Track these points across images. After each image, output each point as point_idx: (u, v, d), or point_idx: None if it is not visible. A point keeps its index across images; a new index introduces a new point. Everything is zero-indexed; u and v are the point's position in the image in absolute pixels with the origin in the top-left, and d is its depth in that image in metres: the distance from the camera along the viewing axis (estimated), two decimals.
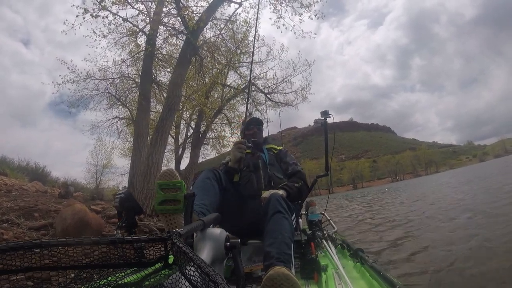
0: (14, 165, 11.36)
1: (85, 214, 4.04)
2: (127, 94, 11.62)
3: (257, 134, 2.52)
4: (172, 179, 1.30)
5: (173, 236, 0.79)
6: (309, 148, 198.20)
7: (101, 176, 18.53)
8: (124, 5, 7.69)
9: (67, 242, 0.71)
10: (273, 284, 1.16)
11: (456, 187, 14.59)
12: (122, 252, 0.81)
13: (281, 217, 1.58)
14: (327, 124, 2.43)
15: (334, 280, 1.66)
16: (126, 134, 13.73)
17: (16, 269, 0.67)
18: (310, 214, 2.68)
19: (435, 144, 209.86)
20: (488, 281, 2.68)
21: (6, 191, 6.03)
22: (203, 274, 0.59)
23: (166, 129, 7.46)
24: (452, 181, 21.88)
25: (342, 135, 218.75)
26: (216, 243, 1.10)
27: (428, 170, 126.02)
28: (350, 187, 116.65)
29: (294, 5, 8.71)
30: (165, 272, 0.86)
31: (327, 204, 3.13)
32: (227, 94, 12.96)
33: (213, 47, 10.12)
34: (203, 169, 2.09)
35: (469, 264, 3.14)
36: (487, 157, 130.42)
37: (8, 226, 3.77)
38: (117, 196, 2.41)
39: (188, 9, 8.02)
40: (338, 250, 2.32)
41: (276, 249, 1.40)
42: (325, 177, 2.60)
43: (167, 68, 10.81)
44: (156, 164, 6.83)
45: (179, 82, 7.66)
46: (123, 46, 10.04)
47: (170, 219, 1.28)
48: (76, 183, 12.47)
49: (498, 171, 20.62)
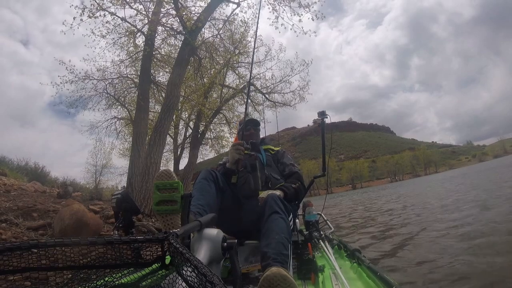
0: (13, 165, 11.32)
1: (83, 214, 4.03)
2: (126, 95, 11.55)
3: (254, 135, 2.52)
4: (169, 180, 1.30)
5: (170, 237, 0.80)
6: (308, 148, 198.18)
7: (100, 176, 18.43)
8: (122, 5, 7.69)
9: (64, 242, 0.71)
10: (270, 284, 1.15)
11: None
12: (119, 252, 0.82)
13: (278, 218, 1.59)
14: (324, 124, 2.44)
15: (331, 280, 1.67)
16: (125, 134, 13.65)
17: (13, 270, 0.68)
18: (307, 215, 2.68)
19: (434, 144, 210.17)
20: (486, 278, 2.70)
21: (5, 191, 6.01)
22: (200, 274, 0.60)
23: (164, 129, 7.44)
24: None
25: (341, 135, 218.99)
26: (213, 243, 1.11)
27: (427, 170, 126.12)
28: (349, 187, 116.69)
29: (292, 5, 8.70)
30: (162, 273, 0.86)
31: (324, 204, 3.13)
32: (226, 95, 12.93)
33: (212, 47, 10.10)
34: (202, 169, 2.09)
35: (466, 262, 3.15)
36: (486, 157, 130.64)
37: (7, 226, 3.77)
38: (114, 196, 2.38)
39: (186, 9, 8.00)
40: (335, 250, 2.33)
41: (273, 250, 1.40)
42: (325, 177, 2.61)
43: (166, 68, 10.76)
44: (154, 164, 6.82)
45: (177, 82, 7.64)
46: (121, 46, 9.99)
47: (167, 219, 1.28)
48: (75, 183, 12.40)
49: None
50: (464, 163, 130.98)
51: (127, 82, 11.19)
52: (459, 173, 40.38)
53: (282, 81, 12.47)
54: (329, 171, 2.56)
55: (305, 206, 2.76)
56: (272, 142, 2.82)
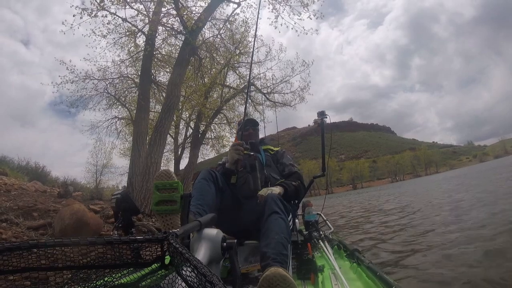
0: (13, 165, 11.31)
1: (83, 214, 4.04)
2: (126, 94, 11.58)
3: (253, 135, 2.52)
4: (168, 180, 1.31)
5: (170, 237, 0.80)
6: (308, 148, 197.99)
7: (101, 176, 18.44)
8: (123, 4, 7.70)
9: (63, 242, 0.71)
10: (269, 284, 1.16)
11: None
12: (119, 252, 0.82)
13: (277, 218, 1.59)
14: (323, 124, 2.44)
15: (331, 280, 1.67)
16: (125, 134, 13.67)
17: (13, 270, 0.68)
18: (307, 215, 2.68)
19: (435, 145, 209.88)
20: (487, 281, 2.69)
21: (5, 190, 6.01)
22: (200, 274, 0.60)
23: (165, 129, 7.45)
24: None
25: (341, 135, 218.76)
26: (213, 243, 1.10)
27: (428, 170, 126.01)
28: (350, 187, 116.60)
29: (292, 4, 8.71)
30: (162, 273, 0.86)
31: (324, 204, 3.13)
32: (226, 94, 12.92)
33: (212, 47, 10.10)
34: (202, 169, 2.09)
35: (467, 263, 3.15)
36: (487, 157, 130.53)
37: (7, 226, 3.77)
38: (114, 196, 2.38)
39: (187, 9, 8.00)
40: (334, 250, 2.33)
41: (273, 250, 1.40)
42: (325, 177, 2.61)
43: (166, 68, 10.76)
44: (155, 163, 6.83)
45: (178, 82, 7.65)
46: (122, 46, 10.01)
47: (166, 219, 1.29)
48: (75, 183, 12.38)
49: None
50: (465, 163, 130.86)
51: (128, 82, 11.20)
52: (460, 173, 40.36)
53: (282, 82, 12.46)
54: (329, 171, 2.57)
55: (305, 206, 2.76)
56: (272, 142, 2.83)
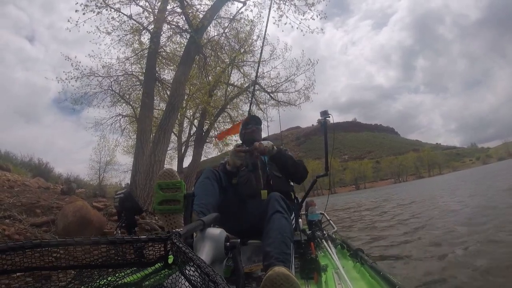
0: (17, 161, 11.40)
1: (86, 211, 4.05)
2: (131, 92, 11.62)
3: (255, 132, 2.52)
4: (171, 179, 1.30)
5: (173, 236, 0.79)
6: (312, 147, 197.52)
7: (104, 173, 18.54)
8: (128, 1, 7.71)
9: (66, 242, 0.71)
10: (273, 284, 1.15)
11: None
12: (122, 252, 0.82)
13: (280, 217, 1.58)
14: (326, 124, 2.43)
15: (334, 280, 1.66)
16: (129, 132, 13.69)
17: (16, 269, 0.68)
18: (310, 214, 2.68)
19: (439, 146, 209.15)
20: (490, 281, 2.68)
21: (8, 186, 6.05)
22: (203, 274, 0.59)
23: (169, 127, 7.44)
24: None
25: (345, 135, 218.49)
26: (216, 243, 1.10)
27: (431, 172, 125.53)
28: (353, 187, 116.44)
29: (297, 4, 8.67)
30: (165, 272, 0.86)
31: (327, 204, 3.13)
32: (231, 93, 12.89)
33: (217, 45, 10.08)
34: (205, 167, 2.09)
35: (469, 263, 3.13)
36: (491, 159, 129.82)
37: (10, 222, 3.78)
38: (117, 196, 2.37)
39: (192, 7, 8.00)
40: (338, 250, 2.32)
41: (276, 249, 1.40)
42: (328, 177, 2.60)
43: (171, 66, 10.77)
44: (159, 162, 6.83)
45: (182, 80, 7.64)
46: (127, 43, 10.03)
47: (169, 219, 1.28)
48: (78, 180, 12.49)
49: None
50: (468, 165, 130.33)
51: (132, 79, 11.25)
52: (463, 174, 40.18)
53: (287, 80, 12.41)
54: (332, 171, 2.56)
55: (308, 205, 2.76)
56: (275, 141, 2.81)
